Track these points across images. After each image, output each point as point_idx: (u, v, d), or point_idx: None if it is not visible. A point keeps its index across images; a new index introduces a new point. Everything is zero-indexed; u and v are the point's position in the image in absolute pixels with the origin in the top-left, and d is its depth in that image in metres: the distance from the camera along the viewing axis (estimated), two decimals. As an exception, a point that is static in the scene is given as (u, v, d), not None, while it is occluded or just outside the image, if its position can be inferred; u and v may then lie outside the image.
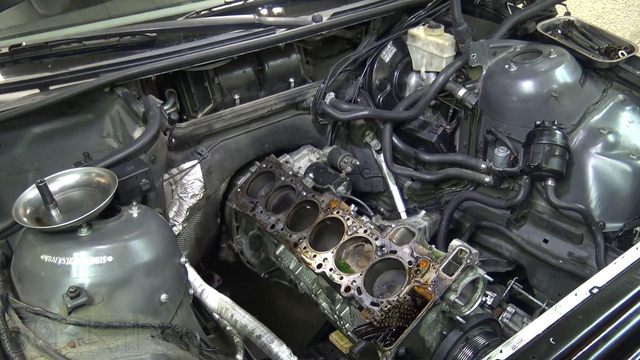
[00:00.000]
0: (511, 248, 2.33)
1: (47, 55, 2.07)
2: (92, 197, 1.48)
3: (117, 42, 2.18)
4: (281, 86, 2.41)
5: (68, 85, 1.89)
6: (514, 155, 2.15)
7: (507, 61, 2.25)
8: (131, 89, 1.99)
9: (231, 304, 1.57)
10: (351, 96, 2.53)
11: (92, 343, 1.25)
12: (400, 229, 1.81)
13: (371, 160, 2.66)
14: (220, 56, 2.12)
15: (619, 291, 1.41)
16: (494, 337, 1.64)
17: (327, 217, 1.96)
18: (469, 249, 1.61)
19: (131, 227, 1.45)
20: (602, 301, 1.38)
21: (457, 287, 1.59)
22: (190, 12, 2.44)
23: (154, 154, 1.78)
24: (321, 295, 1.97)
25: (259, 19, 2.33)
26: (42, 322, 1.27)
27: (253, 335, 1.50)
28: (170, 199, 2.11)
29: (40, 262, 1.33)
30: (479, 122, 2.37)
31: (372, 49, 2.51)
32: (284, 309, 2.81)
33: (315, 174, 2.20)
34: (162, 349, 1.29)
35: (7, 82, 1.94)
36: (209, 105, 2.25)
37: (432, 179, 2.45)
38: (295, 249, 1.93)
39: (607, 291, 1.41)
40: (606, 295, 1.40)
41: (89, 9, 2.56)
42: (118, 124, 1.97)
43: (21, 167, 1.81)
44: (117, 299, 1.33)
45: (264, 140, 2.40)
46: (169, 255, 1.49)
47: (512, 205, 2.20)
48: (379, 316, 1.60)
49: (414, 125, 2.52)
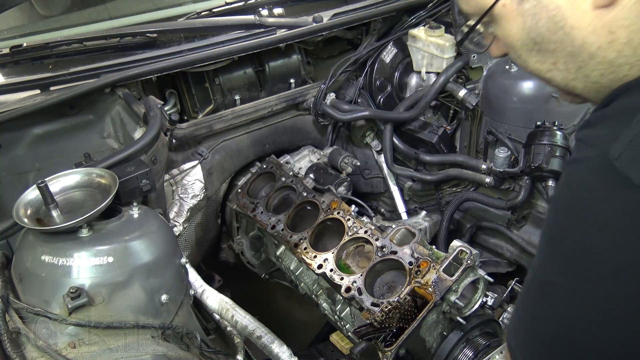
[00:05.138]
0: (512, 249, 2.32)
1: (48, 56, 2.07)
2: (93, 198, 1.48)
3: (118, 42, 2.18)
4: (282, 87, 2.41)
5: (69, 86, 1.89)
6: (515, 155, 2.15)
7: (507, 62, 2.25)
8: (132, 90, 1.99)
9: (232, 304, 1.57)
10: (352, 97, 2.53)
11: (93, 343, 1.25)
12: (401, 230, 1.81)
13: (372, 160, 2.65)
14: (220, 57, 2.12)
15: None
16: (495, 337, 1.64)
17: (328, 218, 1.96)
18: (469, 249, 1.61)
19: (132, 228, 1.45)
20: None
21: (458, 288, 1.58)
22: (191, 12, 2.44)
23: (155, 155, 1.78)
24: (322, 295, 1.97)
25: (260, 20, 2.33)
26: (42, 322, 1.26)
27: (253, 336, 1.50)
28: (171, 200, 2.11)
29: (40, 262, 1.33)
30: (479, 122, 2.37)
31: (372, 50, 2.51)
32: (285, 309, 2.81)
33: (315, 174, 2.20)
34: (162, 349, 1.29)
35: (8, 82, 1.94)
36: (209, 105, 2.25)
37: (432, 179, 2.45)
38: (296, 249, 1.93)
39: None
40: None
41: (89, 10, 2.57)
42: (119, 124, 1.97)
43: (22, 167, 1.81)
44: (117, 300, 1.33)
45: (265, 141, 2.40)
46: (169, 256, 1.49)
47: (513, 206, 2.20)
48: (379, 317, 1.60)
49: (414, 125, 2.51)
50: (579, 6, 0.79)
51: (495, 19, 0.88)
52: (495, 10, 0.86)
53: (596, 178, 0.70)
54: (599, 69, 0.81)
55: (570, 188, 0.75)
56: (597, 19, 0.78)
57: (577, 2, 0.79)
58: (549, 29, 0.82)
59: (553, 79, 0.89)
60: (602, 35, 0.78)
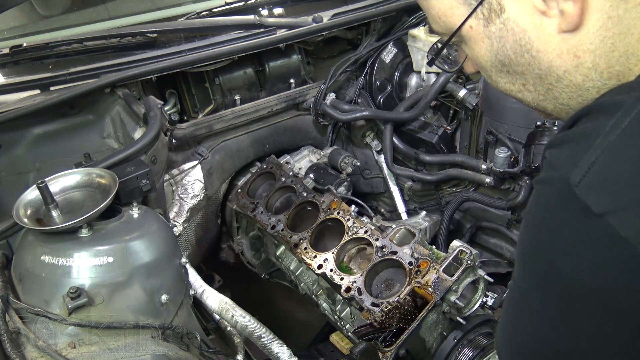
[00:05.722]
0: (512, 249, 2.32)
1: (48, 56, 2.07)
2: (93, 198, 1.47)
3: (118, 42, 2.18)
4: (282, 87, 2.41)
5: (69, 86, 1.89)
6: (515, 156, 2.15)
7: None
8: (132, 90, 1.99)
9: (232, 304, 1.57)
10: (352, 97, 2.52)
11: (93, 344, 1.25)
12: (401, 230, 1.81)
13: (372, 161, 2.65)
14: (220, 57, 2.12)
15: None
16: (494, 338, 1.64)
17: (328, 218, 1.96)
18: (469, 249, 1.61)
19: (132, 228, 1.45)
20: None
21: (458, 288, 1.59)
22: (190, 12, 2.44)
23: (155, 155, 1.78)
24: (322, 295, 1.97)
25: (260, 20, 2.33)
26: (42, 322, 1.26)
27: (253, 336, 1.50)
28: (171, 200, 2.11)
29: (40, 262, 1.33)
30: (479, 122, 2.37)
31: (372, 50, 2.51)
32: (285, 309, 2.81)
33: (315, 174, 2.20)
34: (162, 349, 1.29)
35: (8, 82, 1.94)
36: (209, 106, 2.25)
37: (432, 179, 2.45)
38: (296, 249, 1.93)
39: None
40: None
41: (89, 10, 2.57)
42: (119, 124, 1.97)
43: (22, 167, 1.81)
44: (117, 300, 1.33)
45: (265, 141, 2.40)
46: (169, 256, 1.49)
47: (513, 206, 2.20)
48: (379, 317, 1.60)
49: (414, 126, 2.51)
50: (544, 30, 0.79)
51: (464, 39, 0.89)
52: (463, 32, 0.87)
53: (560, 202, 0.71)
54: (567, 92, 0.82)
55: (538, 207, 0.77)
56: (563, 42, 0.79)
57: (542, 26, 0.79)
58: (515, 52, 0.83)
59: (524, 99, 0.90)
60: (567, 60, 0.79)
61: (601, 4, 0.75)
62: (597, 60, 0.77)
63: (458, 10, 0.85)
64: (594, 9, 0.75)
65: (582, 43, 0.77)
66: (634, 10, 0.74)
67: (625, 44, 0.75)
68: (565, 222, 0.71)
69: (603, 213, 0.66)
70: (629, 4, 0.74)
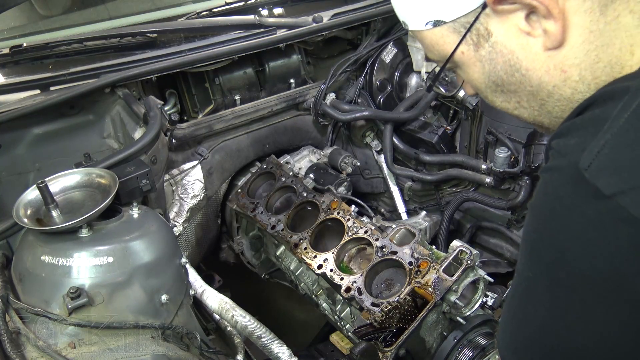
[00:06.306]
0: (512, 249, 2.32)
1: (48, 56, 2.07)
2: (93, 198, 1.48)
3: (118, 42, 2.18)
4: (282, 87, 2.41)
5: (69, 86, 1.89)
6: (515, 156, 2.15)
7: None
8: (132, 90, 1.99)
9: (232, 304, 1.57)
10: (352, 97, 2.52)
11: (93, 344, 1.25)
12: (401, 230, 1.81)
13: (372, 161, 2.65)
14: (220, 57, 2.12)
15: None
16: (495, 338, 1.64)
17: (328, 218, 1.96)
18: (469, 249, 1.61)
19: (132, 228, 1.45)
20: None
21: (458, 288, 1.59)
22: (190, 12, 2.44)
23: (155, 155, 1.78)
24: (322, 295, 1.97)
25: (260, 20, 2.33)
26: (42, 322, 1.26)
27: (253, 336, 1.50)
28: (171, 200, 2.11)
29: (40, 262, 1.33)
30: (479, 122, 2.37)
31: (372, 50, 2.51)
32: (285, 309, 2.81)
33: (315, 174, 2.20)
34: (162, 349, 1.29)
35: (8, 82, 1.94)
36: (209, 106, 2.25)
37: (432, 179, 2.45)
38: (296, 249, 1.93)
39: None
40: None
41: (89, 10, 2.57)
42: (119, 124, 1.97)
43: (22, 167, 1.81)
44: (117, 300, 1.33)
45: (265, 141, 2.40)
46: (169, 256, 1.49)
47: (513, 206, 2.20)
48: (379, 317, 1.60)
49: (414, 126, 2.52)
50: (530, 49, 0.84)
51: (457, 64, 0.94)
52: (456, 58, 0.92)
53: (569, 187, 0.72)
54: (559, 105, 0.86)
55: (546, 196, 0.77)
56: (549, 59, 0.83)
57: (528, 46, 0.84)
58: (506, 72, 0.88)
59: (521, 116, 0.95)
60: (555, 75, 0.83)
61: (582, 19, 0.78)
62: (583, 72, 0.81)
63: (449, 38, 0.90)
64: (575, 25, 0.79)
65: (567, 58, 0.81)
66: (613, 23, 0.77)
67: (608, 55, 0.79)
68: (576, 208, 0.71)
69: (614, 194, 0.67)
70: (608, 17, 0.77)
